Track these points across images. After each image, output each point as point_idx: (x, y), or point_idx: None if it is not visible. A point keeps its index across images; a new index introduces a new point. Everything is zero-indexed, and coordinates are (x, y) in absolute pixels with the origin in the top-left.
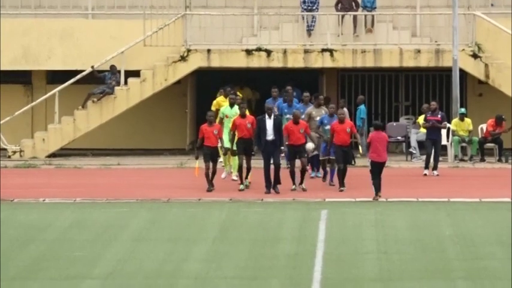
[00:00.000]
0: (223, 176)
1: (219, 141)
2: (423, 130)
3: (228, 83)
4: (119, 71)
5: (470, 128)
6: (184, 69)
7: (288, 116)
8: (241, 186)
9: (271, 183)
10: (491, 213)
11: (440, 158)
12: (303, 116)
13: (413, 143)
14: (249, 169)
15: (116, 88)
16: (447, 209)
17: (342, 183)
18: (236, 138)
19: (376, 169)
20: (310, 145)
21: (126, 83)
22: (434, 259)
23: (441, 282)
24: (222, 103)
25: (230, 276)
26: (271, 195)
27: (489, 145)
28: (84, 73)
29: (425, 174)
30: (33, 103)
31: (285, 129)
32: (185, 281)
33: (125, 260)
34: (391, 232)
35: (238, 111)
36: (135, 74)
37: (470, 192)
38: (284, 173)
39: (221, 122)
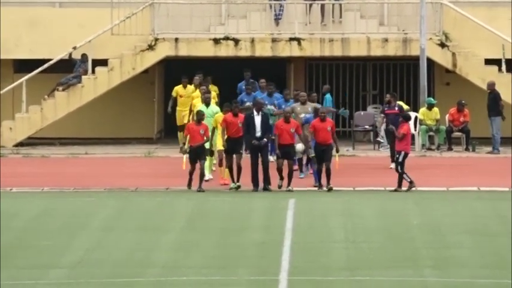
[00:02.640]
0: (206, 178)
1: (204, 140)
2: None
3: (186, 73)
4: (87, 60)
5: (438, 117)
6: (152, 58)
7: (268, 107)
8: (232, 185)
9: (259, 182)
10: (459, 202)
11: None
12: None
13: (381, 132)
14: (239, 169)
15: (84, 77)
16: (415, 198)
17: (328, 182)
18: (225, 137)
19: (405, 160)
20: (299, 146)
21: (93, 72)
22: (402, 248)
23: (409, 271)
24: (179, 91)
25: (198, 266)
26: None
27: (457, 134)
28: (52, 61)
29: (391, 168)
30: (0, 92)
31: (276, 128)
32: (153, 270)
33: (92, 249)
34: (359, 221)
35: (214, 110)
36: (103, 63)
37: (437, 181)
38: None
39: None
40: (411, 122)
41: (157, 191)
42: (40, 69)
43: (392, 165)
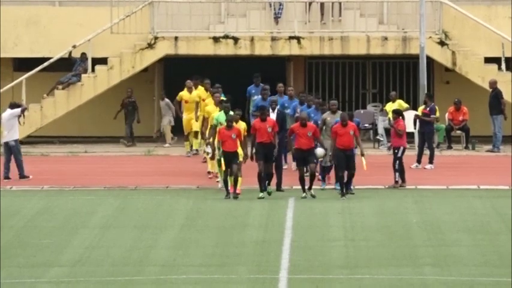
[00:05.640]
0: (220, 186)
1: (241, 145)
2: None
3: (193, 76)
4: (87, 59)
5: (437, 115)
6: (151, 57)
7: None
8: (261, 194)
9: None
10: (458, 201)
11: (408, 146)
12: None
13: (381, 131)
14: (270, 175)
15: (83, 76)
16: (414, 196)
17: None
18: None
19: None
20: (319, 150)
21: (93, 70)
22: (401, 246)
23: (408, 269)
24: (184, 96)
25: (197, 264)
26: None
27: (456, 132)
28: (51, 60)
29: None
30: (0, 90)
31: (290, 131)
32: (152, 268)
33: (92, 247)
34: (358, 219)
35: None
36: (103, 61)
37: (437, 180)
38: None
39: (214, 130)
40: (411, 120)
41: (157, 189)
42: (40, 67)
43: (414, 165)
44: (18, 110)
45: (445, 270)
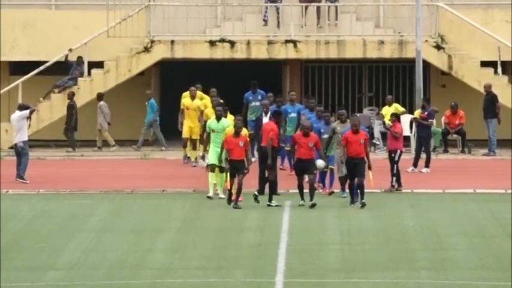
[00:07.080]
0: (210, 194)
1: (245, 154)
2: (387, 121)
3: (194, 81)
4: (83, 62)
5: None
6: (147, 61)
7: (291, 115)
8: (275, 203)
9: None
10: (455, 204)
11: (404, 150)
12: (322, 131)
13: (377, 134)
14: (275, 183)
15: (79, 79)
16: (410, 200)
17: (362, 198)
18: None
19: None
20: (320, 162)
21: (89, 74)
22: (397, 250)
23: (405, 273)
24: (186, 103)
25: (194, 267)
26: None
27: (452, 136)
28: (48, 64)
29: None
30: None
31: (292, 141)
32: (149, 271)
33: (88, 251)
34: (355, 223)
35: (225, 125)
36: (99, 65)
37: (433, 183)
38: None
39: (208, 137)
40: (407, 124)
41: (154, 193)
42: (36, 71)
43: (410, 169)
44: (26, 112)
45: (442, 274)
